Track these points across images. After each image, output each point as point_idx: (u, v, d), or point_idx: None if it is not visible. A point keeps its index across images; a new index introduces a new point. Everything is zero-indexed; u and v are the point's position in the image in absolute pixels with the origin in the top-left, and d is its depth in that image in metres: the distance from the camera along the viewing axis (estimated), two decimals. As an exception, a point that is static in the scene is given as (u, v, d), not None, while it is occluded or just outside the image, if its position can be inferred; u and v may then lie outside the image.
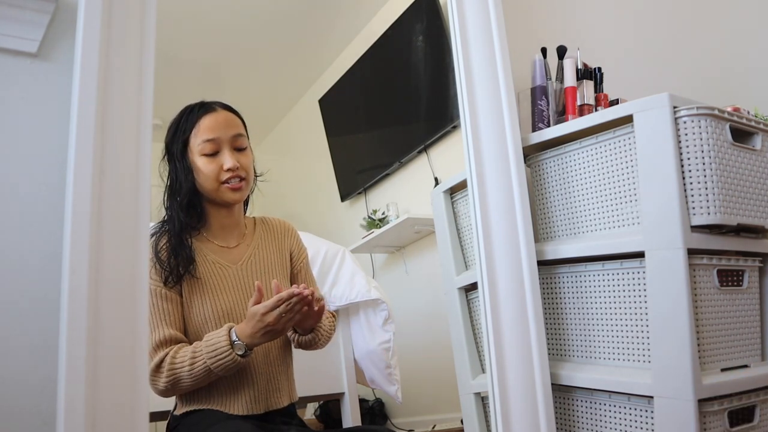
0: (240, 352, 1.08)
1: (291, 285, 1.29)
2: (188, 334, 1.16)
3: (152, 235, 1.19)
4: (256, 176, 1.29)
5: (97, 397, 0.93)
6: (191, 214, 1.20)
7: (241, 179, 1.19)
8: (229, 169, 1.17)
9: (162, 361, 1.09)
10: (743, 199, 1.26)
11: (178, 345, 1.12)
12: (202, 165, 1.17)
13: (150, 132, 1.08)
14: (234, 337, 1.08)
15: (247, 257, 1.24)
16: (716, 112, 1.23)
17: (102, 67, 1.04)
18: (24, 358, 1.02)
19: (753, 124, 1.31)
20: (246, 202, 1.31)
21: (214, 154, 1.18)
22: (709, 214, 1.20)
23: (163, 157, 1.23)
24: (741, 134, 1.29)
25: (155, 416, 1.28)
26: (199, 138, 1.18)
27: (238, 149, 1.20)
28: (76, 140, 0.99)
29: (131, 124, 1.06)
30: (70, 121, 1.02)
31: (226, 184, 1.18)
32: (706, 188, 1.20)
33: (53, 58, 1.13)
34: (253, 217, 1.34)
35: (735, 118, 1.27)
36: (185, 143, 1.19)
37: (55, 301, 0.98)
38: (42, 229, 1.06)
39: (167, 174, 1.22)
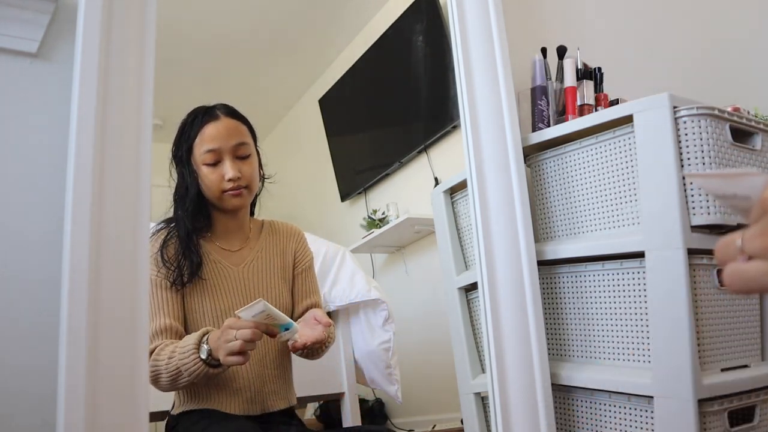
0: (203, 356, 1.02)
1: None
2: (187, 332, 1.15)
3: (157, 231, 1.19)
4: (265, 179, 1.29)
5: (97, 397, 0.93)
6: (198, 218, 1.21)
7: (244, 188, 1.19)
8: (230, 180, 1.17)
9: (152, 352, 1.07)
10: (743, 199, 1.26)
11: (169, 340, 1.10)
12: (205, 174, 1.18)
13: (150, 132, 1.08)
14: (203, 340, 1.04)
15: (250, 260, 1.24)
16: (716, 112, 1.23)
17: (102, 67, 1.04)
18: (24, 358, 1.02)
19: (753, 124, 1.31)
20: (253, 205, 1.31)
21: (215, 164, 1.18)
22: (709, 214, 1.20)
23: (171, 160, 1.23)
24: (741, 134, 1.29)
25: (155, 416, 1.28)
26: (201, 147, 1.18)
27: (241, 158, 1.20)
28: (76, 140, 0.99)
29: (131, 124, 1.06)
30: (70, 121, 1.02)
31: (228, 193, 1.18)
32: (706, 188, 1.20)
33: (53, 58, 1.13)
34: (261, 220, 1.33)
35: (735, 118, 1.27)
36: (189, 150, 1.20)
37: (56, 301, 0.98)
38: (42, 230, 1.06)
39: (176, 176, 1.22)
